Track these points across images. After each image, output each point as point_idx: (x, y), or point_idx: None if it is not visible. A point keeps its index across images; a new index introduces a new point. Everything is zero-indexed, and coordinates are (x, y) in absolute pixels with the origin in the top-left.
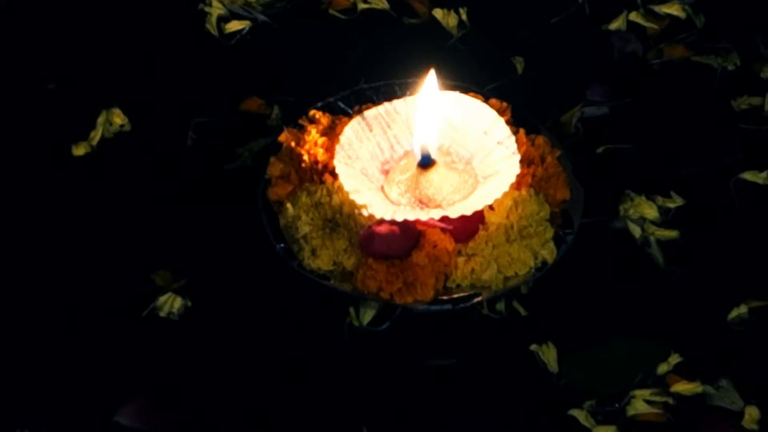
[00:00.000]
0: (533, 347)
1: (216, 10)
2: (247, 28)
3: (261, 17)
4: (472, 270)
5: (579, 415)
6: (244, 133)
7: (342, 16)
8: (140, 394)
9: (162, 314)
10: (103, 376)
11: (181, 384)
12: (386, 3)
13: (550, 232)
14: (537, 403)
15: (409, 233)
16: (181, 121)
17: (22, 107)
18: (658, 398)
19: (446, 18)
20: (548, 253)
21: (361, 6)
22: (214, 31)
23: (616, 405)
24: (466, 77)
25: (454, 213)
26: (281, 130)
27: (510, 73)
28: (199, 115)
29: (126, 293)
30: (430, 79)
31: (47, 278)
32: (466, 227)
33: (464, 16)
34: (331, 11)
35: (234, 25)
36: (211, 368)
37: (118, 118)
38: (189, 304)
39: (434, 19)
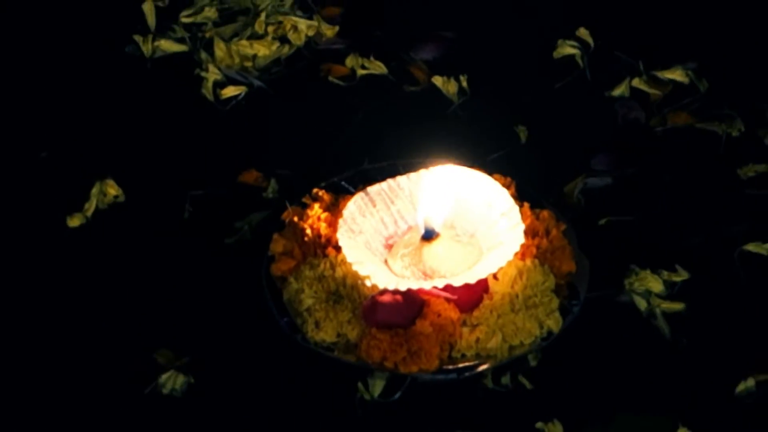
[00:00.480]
0: (539, 425)
1: (212, 74)
2: (243, 94)
3: (257, 83)
4: (477, 339)
5: None
6: (241, 206)
7: (341, 83)
8: None
9: (165, 392)
10: None
11: None
12: (384, 68)
13: (555, 302)
14: None
15: (413, 302)
16: (177, 192)
17: (15, 176)
18: None
19: (446, 85)
20: (554, 322)
21: (360, 72)
22: (210, 96)
23: None
24: (468, 146)
25: (457, 282)
26: (278, 203)
27: (513, 141)
28: (194, 186)
29: (127, 371)
30: (441, 170)
31: (45, 354)
32: (471, 297)
33: (464, 83)
34: (330, 78)
35: (230, 91)
36: None
37: (112, 189)
38: (192, 380)
39: (434, 86)
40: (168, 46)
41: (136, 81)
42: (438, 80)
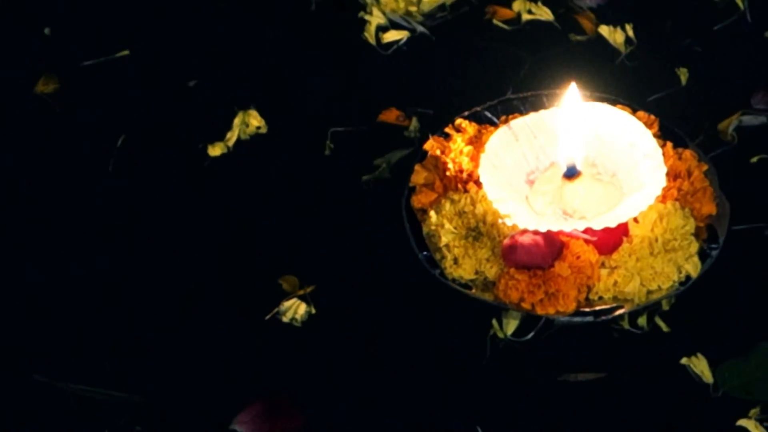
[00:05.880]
0: (684, 360)
1: (376, 18)
2: (405, 39)
3: (420, 28)
4: (615, 282)
5: (748, 424)
6: (381, 144)
7: (506, 27)
8: (257, 401)
9: (285, 320)
10: (220, 382)
11: (300, 391)
12: (551, 14)
13: (694, 246)
14: (695, 417)
15: (553, 244)
16: (318, 127)
17: (163, 104)
18: None
19: (613, 35)
20: (692, 267)
21: (526, 17)
22: (371, 40)
23: None
24: (630, 89)
25: (598, 224)
26: (419, 142)
27: (674, 84)
28: (336, 122)
29: (252, 296)
30: (572, 91)
31: (173, 275)
32: (610, 239)
33: (630, 32)
34: (495, 21)
35: (392, 35)
36: (331, 376)
37: (255, 120)
38: (313, 310)
39: (600, 36)
40: None
41: (298, 19)
42: (604, 30)
